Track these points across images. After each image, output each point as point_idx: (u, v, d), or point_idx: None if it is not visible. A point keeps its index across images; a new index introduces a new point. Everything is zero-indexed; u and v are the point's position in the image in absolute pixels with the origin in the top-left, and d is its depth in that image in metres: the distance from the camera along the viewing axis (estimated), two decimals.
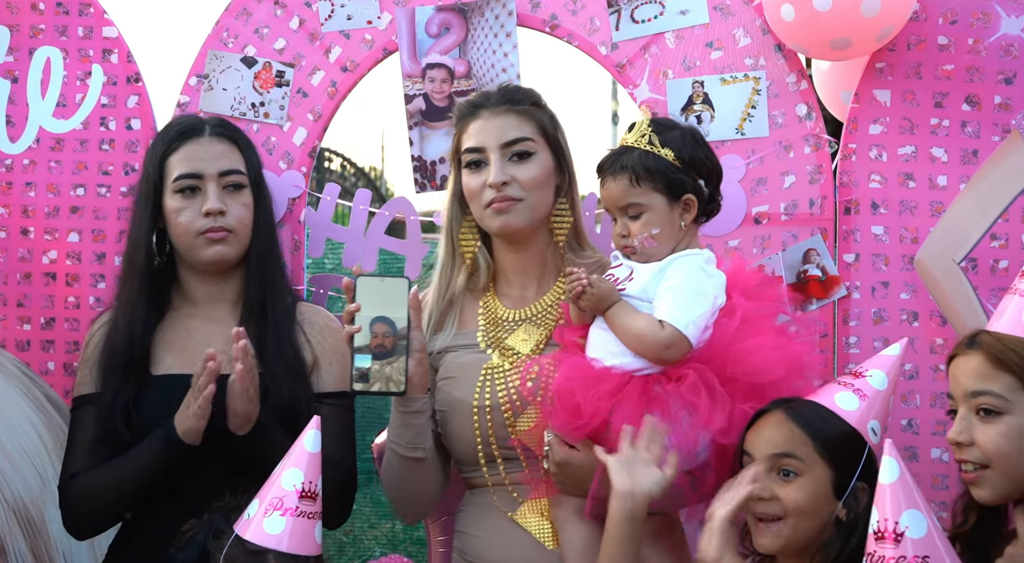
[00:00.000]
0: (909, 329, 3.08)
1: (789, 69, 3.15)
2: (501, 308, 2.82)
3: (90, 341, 2.97)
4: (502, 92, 2.82)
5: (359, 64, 3.32)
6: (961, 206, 3.10)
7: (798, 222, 3.13)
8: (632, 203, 2.61)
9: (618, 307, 2.57)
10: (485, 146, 2.74)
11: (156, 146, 2.96)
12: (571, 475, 2.59)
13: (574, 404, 2.53)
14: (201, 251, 2.88)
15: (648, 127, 2.64)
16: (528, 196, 2.72)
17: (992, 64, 3.10)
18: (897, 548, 2.04)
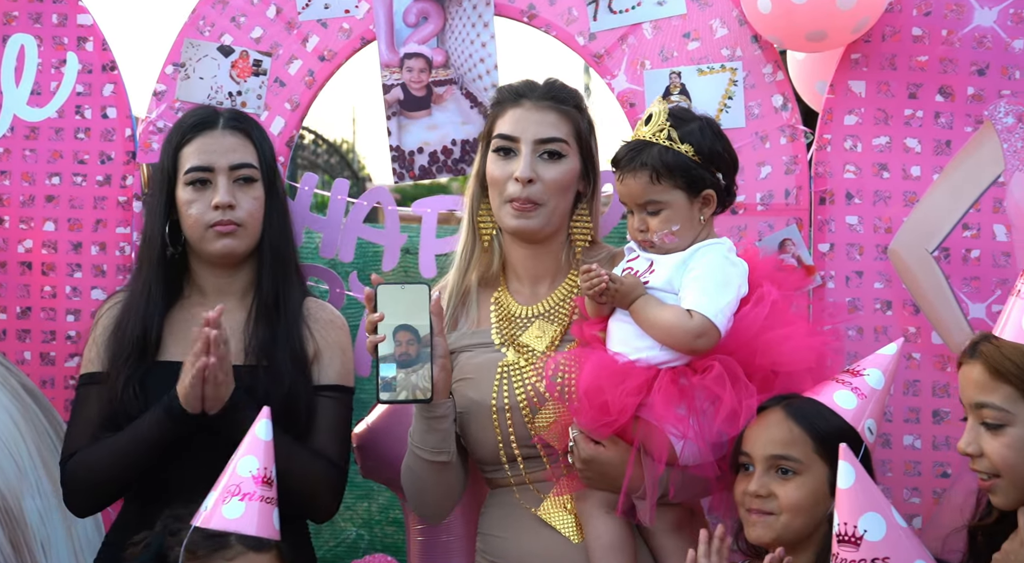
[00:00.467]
0: (882, 318, 3.12)
1: (765, 60, 3.17)
2: (514, 304, 2.80)
3: (99, 321, 2.98)
4: (548, 86, 2.79)
5: (336, 53, 3.32)
6: (934, 196, 3.13)
7: (774, 212, 3.16)
8: (652, 200, 2.60)
9: (643, 300, 2.57)
10: (520, 137, 2.72)
11: (171, 137, 2.97)
12: (598, 471, 2.60)
13: (602, 402, 2.53)
14: (210, 244, 2.89)
15: (666, 120, 2.61)
16: (549, 200, 2.71)
17: (965, 55, 3.13)
18: (858, 551, 2.11)
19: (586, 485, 2.63)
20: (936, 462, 3.11)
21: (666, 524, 2.63)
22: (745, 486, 2.46)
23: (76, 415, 2.94)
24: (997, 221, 3.11)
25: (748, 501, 2.44)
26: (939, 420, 3.11)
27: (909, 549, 2.10)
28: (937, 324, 3.11)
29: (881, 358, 2.60)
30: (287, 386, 2.81)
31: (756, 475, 2.44)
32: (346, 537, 5.99)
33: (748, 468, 2.47)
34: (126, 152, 3.34)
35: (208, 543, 2.43)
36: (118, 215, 3.33)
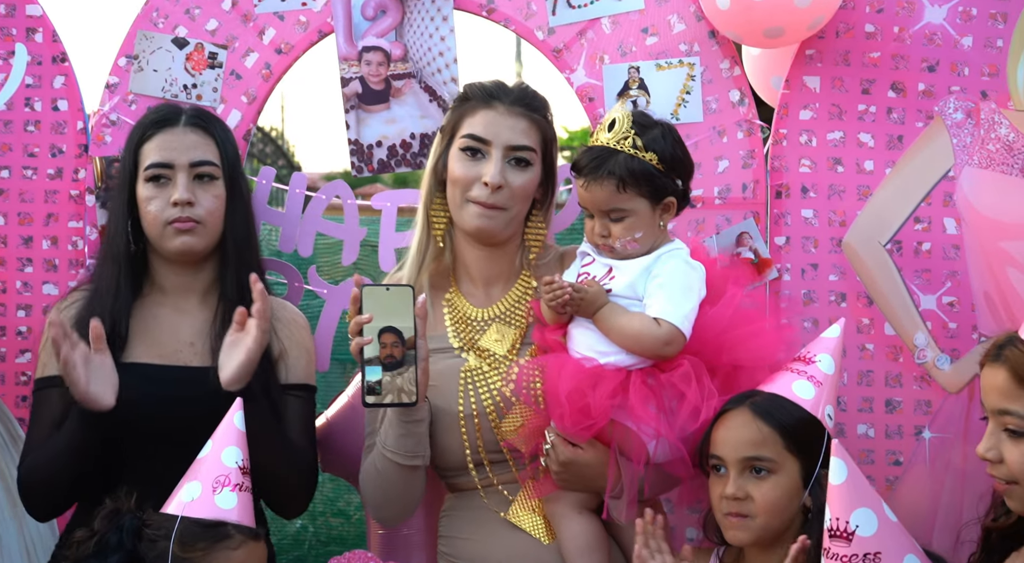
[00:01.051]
0: (837, 310, 3.18)
1: (723, 55, 3.20)
2: (468, 307, 2.81)
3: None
4: (521, 93, 2.79)
5: (294, 46, 3.29)
6: (887, 190, 3.19)
7: (731, 206, 3.20)
8: (617, 208, 2.63)
9: (608, 309, 2.60)
10: (492, 140, 2.72)
11: (133, 134, 2.94)
12: (576, 473, 2.63)
13: (583, 405, 2.55)
14: (169, 241, 2.86)
15: (631, 128, 2.64)
16: (513, 206, 2.73)
17: (916, 52, 3.19)
18: (849, 546, 2.14)
19: (562, 487, 2.66)
20: (889, 450, 3.17)
21: (634, 519, 2.65)
22: (721, 489, 2.48)
23: (34, 419, 2.88)
24: (947, 214, 3.18)
25: (725, 505, 2.47)
26: (891, 409, 3.18)
27: (900, 544, 2.14)
28: (890, 315, 3.17)
29: (828, 342, 2.66)
30: (263, 385, 2.78)
31: (731, 478, 2.46)
32: (291, 529, 5.98)
33: (720, 470, 2.50)
34: (78, 145, 3.29)
35: (208, 534, 2.39)
36: (70, 209, 3.28)
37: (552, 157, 2.81)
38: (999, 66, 3.18)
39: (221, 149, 2.93)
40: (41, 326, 3.11)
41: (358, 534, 6.01)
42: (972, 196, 3.17)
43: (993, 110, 3.17)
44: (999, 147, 3.16)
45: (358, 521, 6.14)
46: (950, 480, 3.14)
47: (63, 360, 2.61)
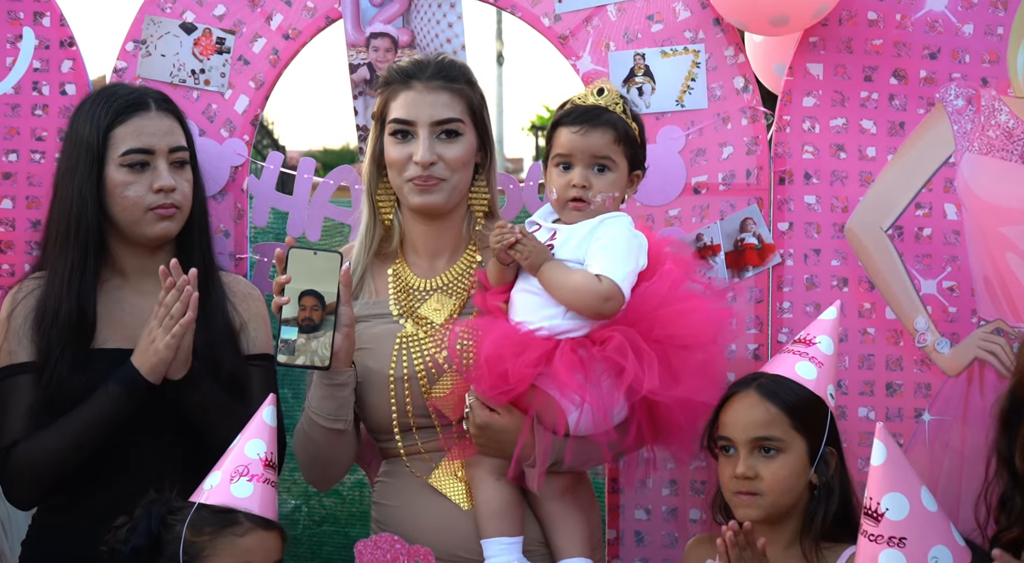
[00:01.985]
0: (839, 294, 3.22)
1: (727, 43, 3.24)
2: (412, 277, 2.88)
3: (14, 310, 2.93)
4: (438, 66, 2.84)
5: (301, 32, 3.31)
6: (888, 176, 3.23)
7: (735, 192, 3.24)
8: (608, 157, 2.71)
9: (552, 264, 2.66)
10: (416, 120, 2.78)
11: (99, 116, 2.92)
12: (492, 438, 2.68)
13: (501, 370, 2.60)
14: (148, 227, 2.89)
15: (620, 97, 2.76)
16: (451, 176, 2.79)
17: (918, 39, 3.23)
18: (877, 527, 2.20)
19: (479, 452, 2.72)
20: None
21: (553, 490, 2.73)
22: (731, 470, 2.54)
23: (6, 408, 2.87)
24: (948, 200, 3.22)
25: (735, 484, 2.53)
26: (892, 392, 3.23)
27: (931, 534, 2.19)
28: (891, 300, 3.21)
29: (826, 323, 2.72)
30: (231, 361, 2.86)
31: (741, 458, 2.53)
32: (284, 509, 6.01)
33: (729, 451, 2.56)
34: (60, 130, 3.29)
35: (216, 519, 2.45)
36: None
37: (484, 121, 2.86)
38: (999, 53, 3.22)
39: (186, 133, 2.98)
40: None
41: (351, 513, 6.04)
42: (972, 182, 3.21)
43: (993, 97, 3.21)
44: (999, 133, 3.20)
45: (351, 501, 6.16)
46: (949, 462, 3.20)
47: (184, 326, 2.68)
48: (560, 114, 2.77)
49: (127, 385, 2.73)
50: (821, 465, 2.52)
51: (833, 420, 2.54)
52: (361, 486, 5.92)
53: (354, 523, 5.84)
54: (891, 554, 2.19)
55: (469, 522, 2.74)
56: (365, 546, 2.22)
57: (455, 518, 2.76)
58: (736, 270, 3.22)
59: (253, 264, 3.31)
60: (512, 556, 2.67)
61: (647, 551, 3.26)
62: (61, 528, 2.89)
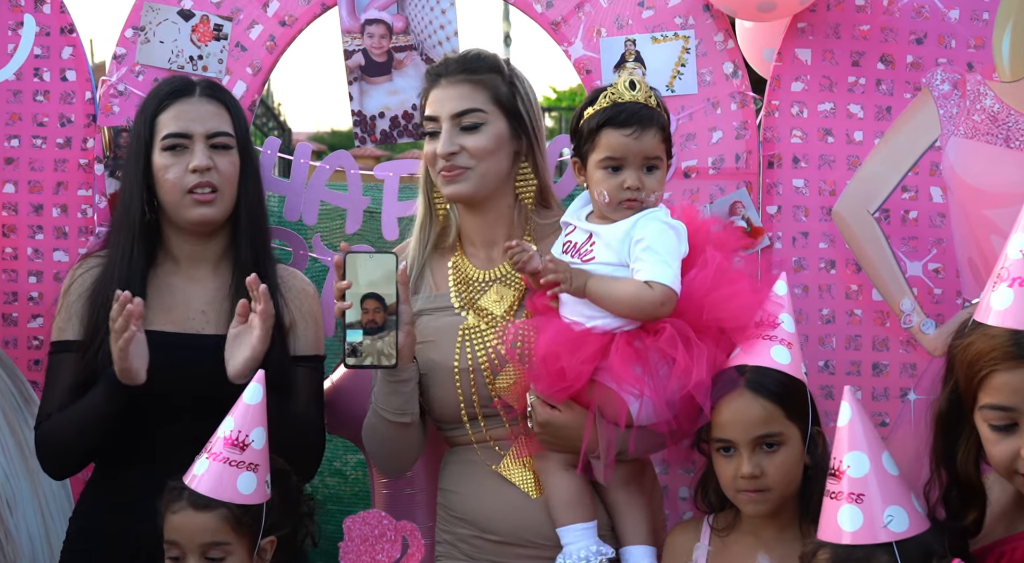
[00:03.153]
0: (826, 276, 3.28)
1: (717, 28, 3.28)
2: (471, 268, 2.89)
3: (70, 288, 2.98)
4: (461, 61, 2.87)
5: (297, 18, 3.36)
6: (875, 160, 3.28)
7: (725, 176, 3.29)
8: (657, 158, 2.69)
9: (596, 282, 2.63)
10: (439, 116, 2.82)
11: (147, 105, 2.99)
12: (555, 434, 2.70)
13: (559, 368, 2.61)
14: (187, 211, 2.93)
15: (651, 89, 2.72)
16: (477, 164, 2.80)
17: (905, 25, 3.27)
18: (838, 484, 2.26)
19: (544, 448, 2.74)
20: (876, 412, 3.27)
21: (618, 480, 2.75)
22: (733, 470, 2.53)
23: (50, 382, 2.95)
24: (934, 183, 3.27)
25: (741, 484, 2.52)
26: (878, 372, 3.28)
27: (888, 494, 2.23)
28: (877, 282, 3.27)
29: (781, 300, 2.70)
30: (277, 355, 2.84)
31: (744, 458, 2.51)
32: None
33: (729, 451, 2.55)
34: (86, 115, 3.36)
35: (167, 495, 2.54)
36: (79, 178, 3.36)
37: (515, 107, 2.85)
38: (985, 38, 3.27)
39: (235, 120, 3.00)
40: (53, 291, 3.20)
41: (355, 493, 6.09)
42: (958, 165, 3.26)
43: (979, 81, 3.26)
44: (984, 118, 3.25)
45: (355, 480, 6.21)
46: None
47: (126, 339, 2.68)
48: (604, 115, 2.70)
49: (108, 379, 2.77)
50: (811, 446, 2.55)
51: (811, 396, 2.58)
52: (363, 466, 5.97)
53: (357, 503, 5.88)
54: (849, 509, 2.23)
55: (539, 510, 2.77)
56: (354, 522, 2.28)
57: (525, 506, 2.78)
58: None
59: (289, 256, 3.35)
60: (590, 540, 2.71)
61: None
62: (97, 506, 2.95)
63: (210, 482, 2.52)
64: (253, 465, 2.52)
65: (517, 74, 2.89)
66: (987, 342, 2.16)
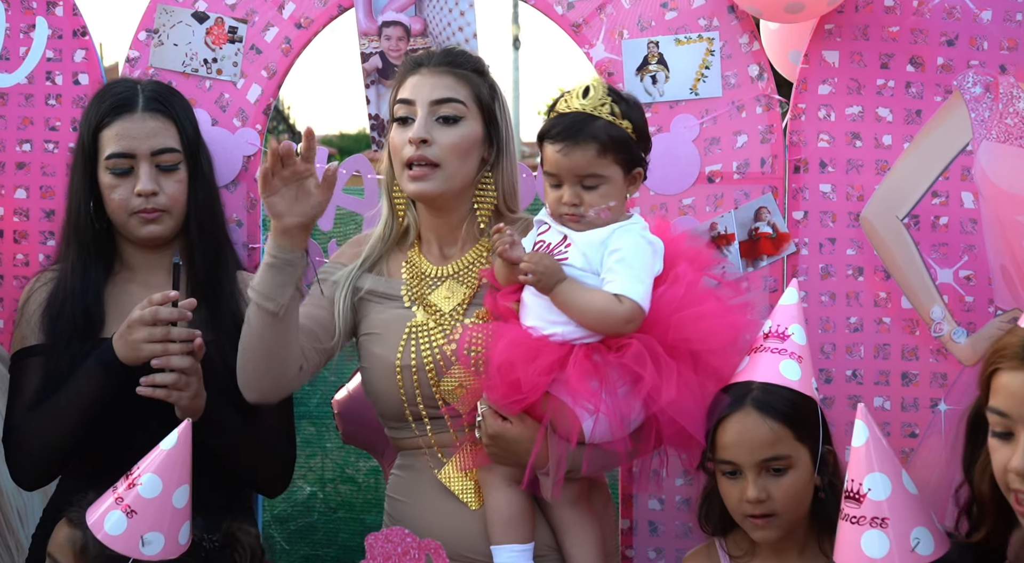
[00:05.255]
0: (854, 284, 3.20)
1: (742, 30, 3.21)
2: (425, 263, 2.82)
3: (29, 300, 2.96)
4: (445, 53, 2.80)
5: (313, 20, 3.30)
6: (904, 165, 3.21)
7: (750, 180, 3.22)
8: (595, 174, 2.57)
9: (567, 284, 2.55)
10: (415, 99, 2.71)
11: (90, 115, 2.94)
12: (505, 447, 2.61)
13: (514, 379, 2.52)
14: (135, 229, 2.91)
15: (607, 95, 2.59)
16: (446, 163, 2.70)
17: (935, 26, 3.19)
18: (859, 508, 2.16)
19: (492, 460, 2.64)
20: (904, 423, 3.20)
21: (567, 497, 2.65)
22: (739, 494, 2.44)
23: (16, 389, 2.91)
24: (965, 189, 3.19)
25: (747, 508, 2.43)
26: (908, 382, 3.20)
27: (911, 516, 2.15)
28: (907, 289, 3.19)
29: (790, 309, 2.61)
30: (231, 364, 2.75)
31: (750, 481, 2.42)
32: (300, 496, 6.03)
33: (735, 474, 2.46)
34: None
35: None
36: None
37: (492, 112, 2.78)
38: (1018, 40, 3.19)
39: (181, 130, 2.94)
40: None
41: (367, 500, 6.07)
42: (990, 170, 3.18)
43: (1012, 84, 3.18)
44: (1017, 121, 3.17)
45: (367, 488, 6.19)
46: None
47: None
48: (545, 126, 2.63)
49: (104, 361, 2.72)
50: (822, 467, 2.44)
51: (822, 414, 2.48)
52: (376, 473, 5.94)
53: (369, 510, 5.86)
54: (874, 535, 2.14)
55: (477, 522, 2.69)
56: (376, 539, 2.20)
57: (463, 518, 2.71)
58: (750, 259, 3.20)
59: None
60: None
61: (660, 541, 3.25)
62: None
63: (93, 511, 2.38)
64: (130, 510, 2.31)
65: (497, 82, 2.83)
66: (1008, 338, 2.05)
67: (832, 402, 3.19)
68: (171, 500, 2.28)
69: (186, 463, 2.32)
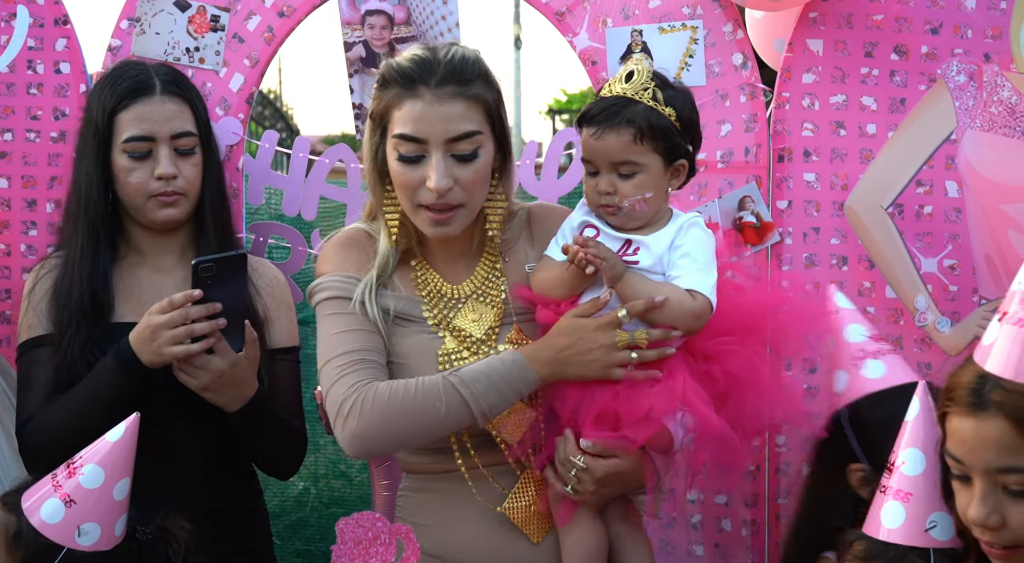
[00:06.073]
0: (839, 273, 3.19)
1: (725, 18, 3.19)
2: (441, 282, 2.56)
3: (35, 288, 2.93)
4: (448, 68, 2.40)
5: (296, 9, 3.28)
6: (889, 154, 3.19)
7: (734, 170, 3.20)
8: (630, 161, 2.43)
9: (633, 276, 2.42)
10: (427, 138, 2.39)
11: (105, 98, 2.90)
12: (616, 483, 2.44)
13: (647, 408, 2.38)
14: (152, 212, 2.89)
15: (651, 80, 2.45)
16: (469, 200, 2.45)
17: (920, 14, 3.18)
18: (890, 478, 2.13)
19: (592, 502, 2.46)
20: None
21: (617, 514, 2.55)
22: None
23: (27, 380, 2.88)
24: (949, 178, 3.18)
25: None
26: None
27: (936, 500, 2.09)
28: (891, 278, 3.18)
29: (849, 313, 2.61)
30: None
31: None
32: (293, 491, 6.02)
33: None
34: (81, 108, 3.26)
35: None
36: None
37: (501, 121, 2.49)
38: (1002, 28, 3.18)
39: (196, 114, 2.94)
40: None
41: (360, 496, 6.05)
42: (974, 159, 3.17)
43: (996, 73, 3.17)
44: (1001, 110, 3.16)
45: (359, 483, 6.18)
46: None
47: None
48: (583, 109, 2.50)
49: (123, 364, 2.69)
50: None
51: None
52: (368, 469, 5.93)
53: (362, 506, 5.84)
54: (893, 506, 2.11)
55: (540, 556, 2.52)
56: (347, 524, 2.19)
57: (525, 551, 2.52)
58: (734, 249, 3.18)
59: (249, 243, 3.29)
60: None
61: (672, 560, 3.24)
62: None
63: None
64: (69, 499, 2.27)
65: (493, 74, 2.51)
66: (958, 377, 1.92)
67: (817, 391, 3.18)
68: (112, 492, 2.26)
69: (130, 456, 2.29)
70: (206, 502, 2.76)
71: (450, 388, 2.35)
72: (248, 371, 2.68)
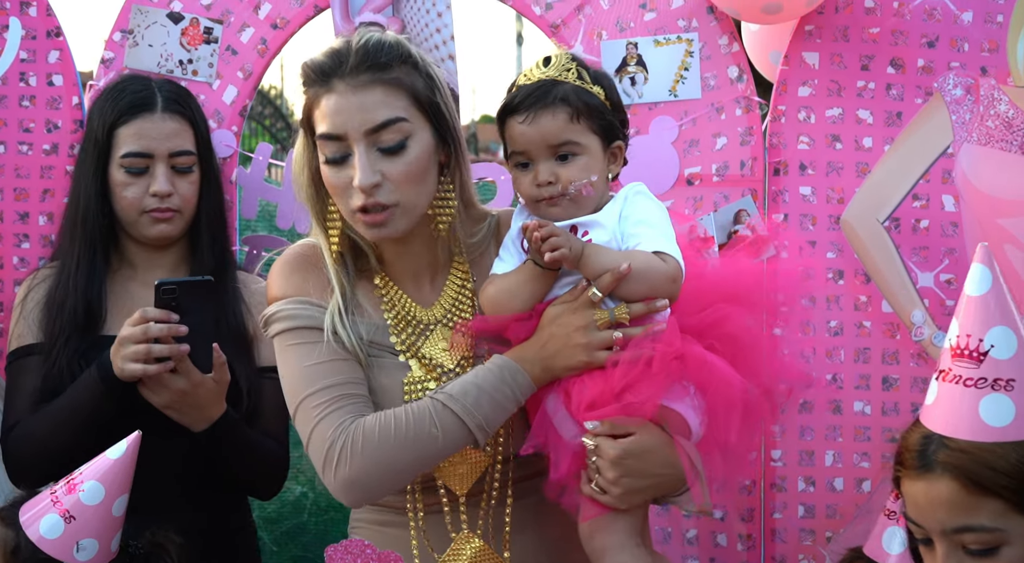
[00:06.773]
0: (834, 287, 3.17)
1: (721, 31, 3.18)
2: (410, 304, 2.35)
3: (27, 297, 2.94)
4: (361, 54, 2.19)
5: (289, 21, 3.27)
6: (885, 167, 3.18)
7: (729, 183, 3.19)
8: (569, 141, 2.22)
9: (591, 250, 2.20)
10: (346, 133, 2.18)
11: (106, 112, 2.90)
12: (635, 466, 2.17)
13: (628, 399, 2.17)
14: (145, 228, 2.89)
15: (571, 61, 2.27)
16: (404, 198, 2.20)
17: (916, 28, 3.17)
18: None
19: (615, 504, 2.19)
20: (885, 427, 3.17)
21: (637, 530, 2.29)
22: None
23: (14, 388, 2.88)
24: (946, 192, 3.16)
25: None
26: (888, 386, 3.18)
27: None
28: (887, 293, 3.16)
29: None
30: (241, 375, 2.78)
31: None
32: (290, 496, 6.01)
33: None
34: (73, 121, 3.27)
35: None
36: (66, 184, 3.23)
37: (438, 107, 2.25)
38: (999, 42, 3.16)
39: (196, 131, 2.93)
40: None
41: None
42: (971, 173, 3.16)
43: (993, 86, 3.15)
44: (998, 124, 3.15)
45: None
46: None
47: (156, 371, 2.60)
48: (504, 101, 2.27)
49: (103, 376, 2.68)
50: None
51: None
52: None
53: None
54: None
55: None
56: (335, 550, 2.17)
57: None
58: None
59: (243, 256, 3.28)
60: None
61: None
62: None
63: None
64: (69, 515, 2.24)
65: (427, 60, 2.28)
66: (907, 439, 1.83)
67: (811, 407, 3.17)
68: (111, 509, 2.26)
69: (129, 474, 2.29)
70: (188, 517, 2.73)
71: (440, 408, 2.17)
72: (214, 393, 2.66)
